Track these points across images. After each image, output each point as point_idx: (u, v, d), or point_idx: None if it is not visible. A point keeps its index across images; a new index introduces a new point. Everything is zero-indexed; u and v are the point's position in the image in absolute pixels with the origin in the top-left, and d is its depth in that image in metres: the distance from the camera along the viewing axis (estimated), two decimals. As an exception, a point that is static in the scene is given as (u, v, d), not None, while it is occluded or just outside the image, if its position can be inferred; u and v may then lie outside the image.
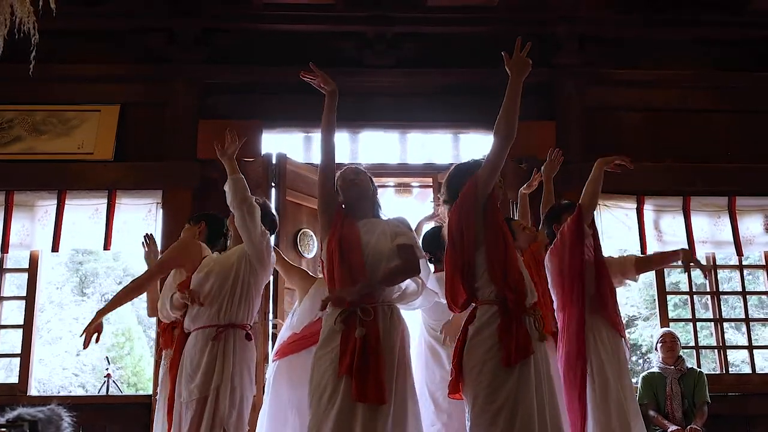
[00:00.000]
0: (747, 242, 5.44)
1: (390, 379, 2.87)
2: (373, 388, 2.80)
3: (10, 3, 3.35)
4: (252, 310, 3.42)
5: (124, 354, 13.35)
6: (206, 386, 3.19)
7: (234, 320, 3.32)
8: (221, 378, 3.19)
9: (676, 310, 10.55)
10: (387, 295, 3.01)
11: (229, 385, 3.21)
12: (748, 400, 5.21)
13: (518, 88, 3.05)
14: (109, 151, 5.27)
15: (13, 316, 5.60)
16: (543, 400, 2.77)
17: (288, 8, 5.45)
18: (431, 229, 4.20)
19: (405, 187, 5.76)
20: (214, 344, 3.24)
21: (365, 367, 2.83)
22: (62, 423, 3.88)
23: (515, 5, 5.47)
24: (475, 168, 3.06)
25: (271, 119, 5.42)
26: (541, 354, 2.84)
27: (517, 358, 2.73)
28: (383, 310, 2.98)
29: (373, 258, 3.00)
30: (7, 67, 4.57)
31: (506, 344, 2.74)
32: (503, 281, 2.81)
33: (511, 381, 2.72)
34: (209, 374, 3.20)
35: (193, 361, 3.27)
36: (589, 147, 5.47)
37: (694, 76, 5.74)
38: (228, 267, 3.38)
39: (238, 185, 3.40)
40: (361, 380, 2.81)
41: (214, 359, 3.22)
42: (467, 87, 5.58)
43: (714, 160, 5.54)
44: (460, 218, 2.95)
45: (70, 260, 14.17)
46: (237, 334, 3.32)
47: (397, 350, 2.94)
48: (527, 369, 2.74)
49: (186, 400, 3.23)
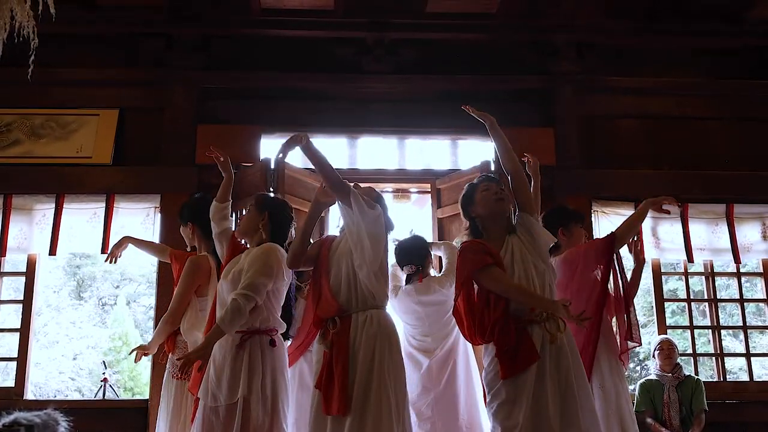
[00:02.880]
0: (745, 250, 5.45)
1: (356, 389, 2.88)
2: (336, 400, 2.86)
3: (10, 7, 3.35)
4: (274, 315, 3.37)
5: (120, 358, 13.32)
6: (233, 394, 3.15)
7: (258, 326, 3.28)
8: (250, 387, 3.14)
9: (673, 317, 10.56)
10: (356, 303, 3.04)
11: (260, 394, 3.15)
12: (745, 407, 5.21)
13: (497, 133, 3.28)
14: (107, 156, 5.27)
15: (10, 320, 5.59)
16: (565, 394, 2.82)
17: (287, 14, 5.46)
18: (418, 240, 4.22)
19: (403, 192, 5.76)
20: (239, 351, 3.21)
21: (330, 379, 2.91)
22: (58, 428, 3.85)
23: (514, 13, 5.48)
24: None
25: (270, 124, 5.42)
26: (559, 351, 2.88)
27: (514, 371, 2.83)
28: (356, 319, 3.01)
29: (335, 276, 3.11)
30: (6, 71, 4.57)
31: (502, 360, 2.87)
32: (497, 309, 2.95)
33: (509, 390, 2.84)
34: (235, 382, 3.16)
35: (218, 365, 3.24)
36: (587, 154, 5.49)
37: (692, 84, 5.76)
38: None
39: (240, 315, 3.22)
40: (326, 394, 2.90)
41: (240, 367, 3.18)
42: (466, 93, 5.57)
43: (711, 167, 5.55)
44: (458, 260, 3.16)
45: (68, 264, 14.16)
46: (262, 340, 3.28)
47: (369, 358, 2.94)
48: (526, 377, 2.82)
49: (211, 404, 3.21)
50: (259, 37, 5.61)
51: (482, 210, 3.12)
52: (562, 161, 5.36)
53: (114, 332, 13.59)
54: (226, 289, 3.32)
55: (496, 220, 3.12)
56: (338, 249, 3.22)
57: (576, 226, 3.90)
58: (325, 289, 3.08)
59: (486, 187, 3.14)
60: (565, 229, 3.83)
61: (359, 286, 3.08)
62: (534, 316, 2.91)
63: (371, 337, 2.97)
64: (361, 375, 2.90)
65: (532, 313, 2.92)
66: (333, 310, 3.01)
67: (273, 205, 3.59)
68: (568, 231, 3.85)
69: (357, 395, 2.87)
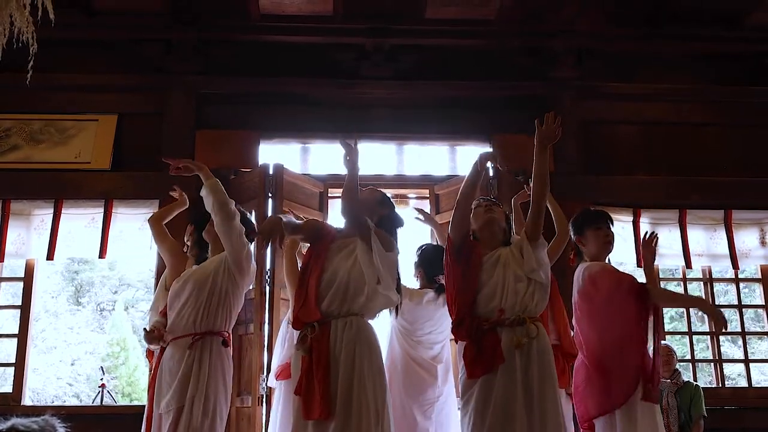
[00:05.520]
0: (743, 255, 5.45)
1: (338, 393, 2.87)
2: (318, 404, 2.85)
3: (9, 12, 3.36)
4: (231, 317, 3.41)
5: (119, 364, 13.31)
6: (182, 396, 3.18)
7: (211, 328, 3.31)
8: (197, 387, 3.18)
9: (672, 323, 10.56)
10: (337, 309, 3.01)
11: (203, 394, 3.19)
12: (744, 413, 5.20)
13: (543, 159, 3.23)
14: (106, 161, 5.27)
15: (8, 325, 5.58)
16: (532, 402, 2.89)
17: (286, 20, 5.46)
18: (436, 248, 4.21)
19: (402, 198, 5.76)
20: (190, 353, 3.23)
21: (310, 384, 2.90)
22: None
23: (513, 19, 5.49)
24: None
25: (269, 130, 5.43)
26: (527, 357, 2.95)
27: (481, 371, 2.94)
28: (335, 325, 2.99)
29: (326, 283, 3.05)
30: (5, 76, 4.58)
31: (468, 359, 3.00)
32: (463, 305, 3.10)
33: (477, 391, 2.95)
34: (185, 383, 3.19)
35: (171, 371, 3.26)
36: (586, 160, 5.49)
37: (691, 90, 5.77)
38: (205, 275, 3.38)
39: (216, 188, 3.40)
40: (307, 398, 2.90)
41: (191, 368, 3.22)
42: (464, 99, 5.60)
43: (710, 173, 5.55)
44: (444, 260, 3.31)
45: (66, 269, 14.15)
46: (214, 341, 3.31)
47: (350, 363, 2.93)
48: (494, 378, 2.92)
49: (164, 410, 3.22)
50: (259, 42, 5.61)
51: (475, 224, 3.32)
52: (560, 167, 5.35)
53: (112, 338, 13.58)
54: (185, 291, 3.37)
55: (486, 230, 3.29)
56: (339, 254, 3.13)
57: (590, 230, 3.78)
58: (312, 293, 3.04)
59: (477, 204, 3.35)
60: (581, 237, 3.73)
61: (348, 296, 3.03)
62: (503, 319, 3.00)
63: (351, 342, 2.96)
64: (342, 379, 2.89)
65: (501, 315, 3.01)
66: (314, 316, 3.01)
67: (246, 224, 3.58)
68: (584, 238, 3.73)
69: (339, 399, 2.87)
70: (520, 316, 3.02)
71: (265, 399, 4.72)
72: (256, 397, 4.70)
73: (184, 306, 3.33)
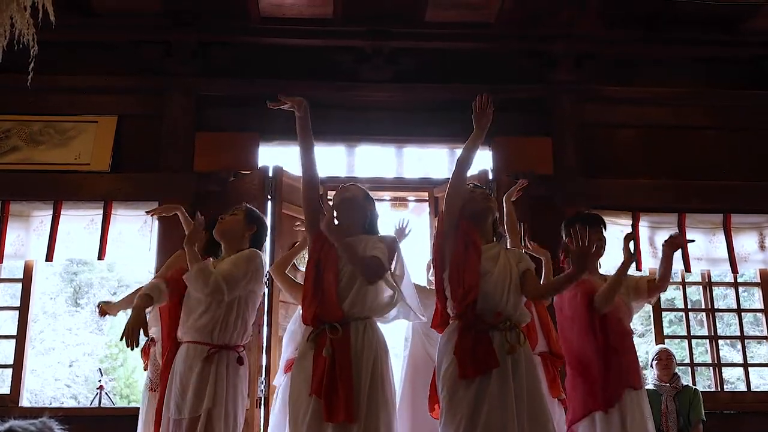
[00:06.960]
0: (742, 259, 5.44)
1: (361, 396, 2.86)
2: (342, 408, 2.81)
3: (10, 14, 3.36)
4: (246, 329, 3.36)
5: (117, 365, 13.28)
6: (197, 407, 3.13)
7: (228, 342, 3.26)
8: (213, 401, 3.13)
9: (671, 327, 10.54)
10: (359, 311, 3.00)
11: (223, 409, 3.15)
12: (743, 417, 5.20)
13: (477, 143, 3.35)
14: (105, 162, 5.27)
15: (7, 326, 5.57)
16: (522, 408, 2.83)
17: (286, 22, 5.47)
18: None
19: (401, 200, 5.77)
20: (206, 365, 3.19)
21: (334, 386, 2.85)
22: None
23: (512, 22, 5.49)
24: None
25: (268, 132, 5.42)
26: (516, 364, 2.90)
27: (475, 372, 2.83)
28: (356, 327, 2.97)
29: (347, 282, 3.01)
30: (5, 78, 4.58)
31: (461, 358, 2.87)
32: (462, 298, 2.95)
33: (470, 393, 2.82)
34: (200, 395, 3.14)
35: (183, 377, 3.21)
36: (585, 163, 5.49)
37: (690, 94, 5.77)
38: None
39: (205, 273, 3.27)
40: (329, 401, 2.84)
41: (206, 380, 3.16)
42: (464, 102, 5.51)
43: (709, 177, 5.55)
44: (435, 241, 3.19)
45: (65, 270, 14.12)
46: (230, 356, 3.27)
47: (371, 366, 2.93)
48: (488, 382, 2.83)
49: (174, 416, 3.19)
50: (258, 45, 5.62)
51: (474, 206, 3.22)
52: (559, 170, 5.36)
53: (110, 339, 13.55)
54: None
55: (483, 217, 3.21)
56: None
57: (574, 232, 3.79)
58: (332, 290, 3.01)
59: (472, 189, 3.30)
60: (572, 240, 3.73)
61: (369, 299, 3.03)
62: (497, 322, 2.95)
63: (371, 345, 2.96)
64: (365, 382, 2.88)
65: (497, 318, 2.95)
66: (336, 316, 2.98)
67: (261, 222, 3.61)
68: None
69: (363, 402, 2.85)
70: (511, 322, 2.99)
71: (263, 402, 4.71)
72: (254, 399, 4.70)
73: (203, 314, 3.27)
